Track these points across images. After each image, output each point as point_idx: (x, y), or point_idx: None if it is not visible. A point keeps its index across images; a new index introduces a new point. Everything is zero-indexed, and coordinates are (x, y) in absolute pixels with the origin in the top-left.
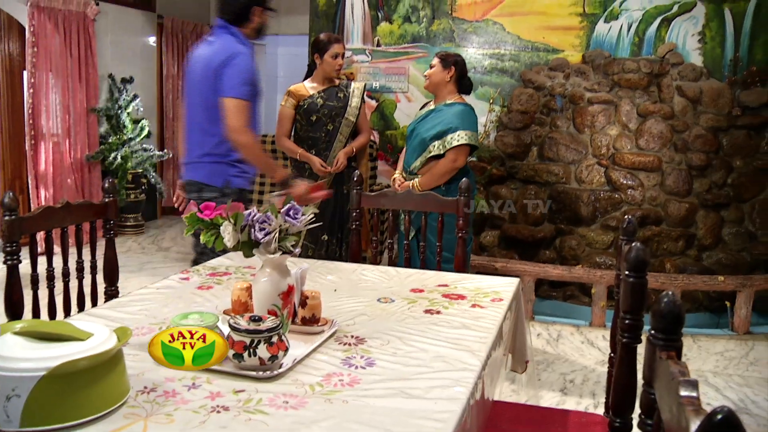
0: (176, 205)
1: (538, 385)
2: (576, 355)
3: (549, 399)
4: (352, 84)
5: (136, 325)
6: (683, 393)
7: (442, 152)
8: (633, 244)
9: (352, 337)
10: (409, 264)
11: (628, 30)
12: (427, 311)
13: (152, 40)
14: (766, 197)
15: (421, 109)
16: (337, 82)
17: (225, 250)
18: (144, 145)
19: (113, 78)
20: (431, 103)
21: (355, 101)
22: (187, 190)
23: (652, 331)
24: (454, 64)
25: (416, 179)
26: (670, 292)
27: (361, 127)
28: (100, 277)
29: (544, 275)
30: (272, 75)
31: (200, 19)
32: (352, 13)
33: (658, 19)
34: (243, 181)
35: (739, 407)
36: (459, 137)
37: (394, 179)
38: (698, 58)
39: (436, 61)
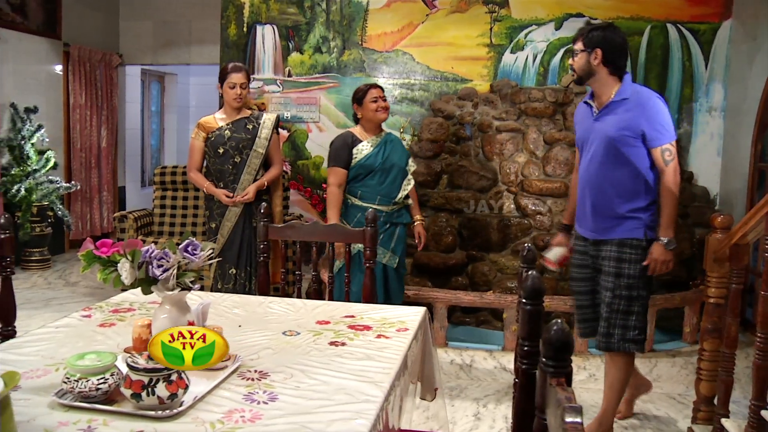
0: None
1: (452, 411)
2: (489, 379)
3: (462, 425)
4: (264, 115)
5: (30, 368)
6: (568, 419)
7: (410, 178)
8: (530, 272)
9: (256, 371)
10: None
11: (534, 60)
12: (332, 343)
13: (58, 68)
14: None
15: (353, 142)
16: (248, 113)
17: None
18: (50, 177)
19: (15, 107)
20: (363, 134)
21: (264, 132)
22: None
23: (543, 359)
24: None
25: (418, 216)
26: (560, 320)
27: (273, 159)
28: None
29: (456, 301)
30: (184, 105)
31: (109, 48)
32: (263, 43)
33: (562, 50)
34: None
35: (642, 422)
36: (412, 161)
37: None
38: None
39: (384, 94)
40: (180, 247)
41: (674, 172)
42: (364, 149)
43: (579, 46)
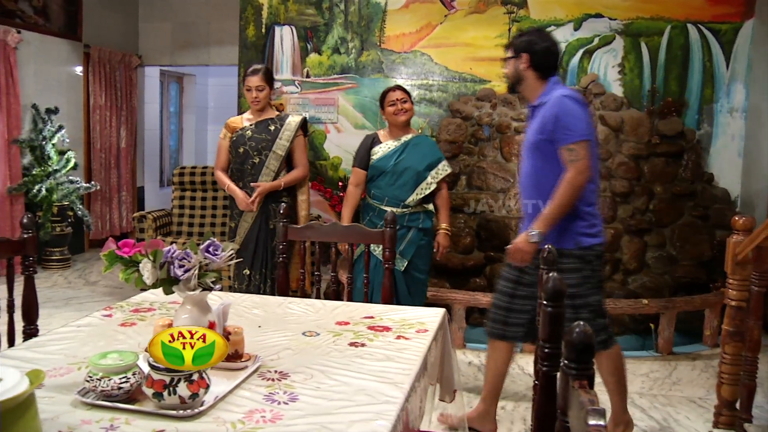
0: None
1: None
2: (507, 381)
3: None
4: (289, 117)
5: (54, 366)
6: (591, 422)
7: (432, 183)
8: (551, 274)
9: (276, 372)
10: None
11: None
12: (351, 344)
13: (78, 69)
14: (684, 222)
15: (372, 143)
16: (274, 114)
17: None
18: (70, 177)
19: (37, 108)
20: (386, 136)
21: (286, 134)
22: None
23: (565, 361)
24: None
25: (443, 225)
26: (582, 323)
27: (297, 161)
28: (18, 315)
29: (474, 303)
30: (202, 106)
31: (128, 49)
32: (282, 44)
33: (580, 51)
34: None
35: (663, 426)
36: (446, 166)
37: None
38: (619, 89)
39: (406, 96)
40: (201, 247)
41: (576, 172)
42: (380, 150)
43: (509, 53)
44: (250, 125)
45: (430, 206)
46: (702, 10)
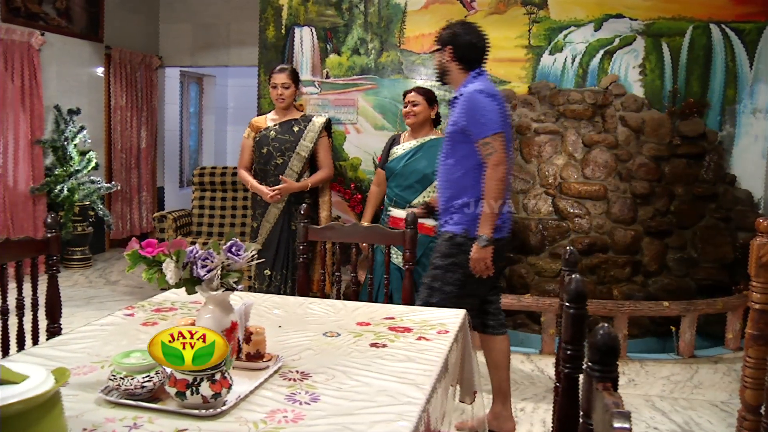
0: None
1: None
2: (526, 383)
3: None
4: (314, 118)
5: (77, 364)
6: (616, 425)
7: None
8: (573, 275)
9: (297, 372)
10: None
11: (573, 62)
12: (372, 345)
13: (100, 71)
14: (705, 224)
15: (392, 144)
16: (298, 114)
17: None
18: (91, 177)
19: (59, 109)
20: (406, 137)
21: (310, 136)
22: None
23: (589, 363)
24: (436, 101)
25: None
26: (606, 325)
27: (322, 162)
28: (42, 314)
29: None
30: (222, 106)
31: (149, 50)
32: (301, 45)
33: (601, 52)
34: None
35: (684, 430)
36: None
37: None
38: (639, 90)
39: (419, 98)
40: (224, 247)
41: (493, 166)
42: (396, 152)
43: (435, 46)
44: (274, 125)
45: None
46: (725, 10)
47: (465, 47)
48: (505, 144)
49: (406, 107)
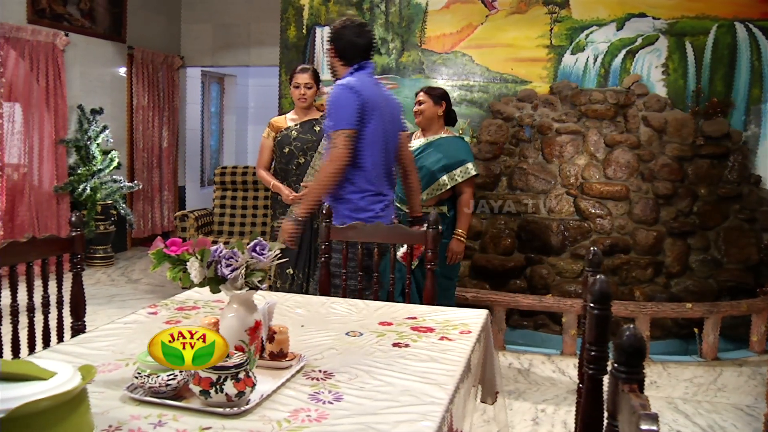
0: None
1: (510, 415)
2: (547, 384)
3: (521, 429)
4: None
5: (102, 362)
6: (644, 427)
7: (449, 185)
8: (597, 276)
9: (320, 371)
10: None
11: (594, 62)
12: (395, 344)
13: (122, 71)
14: (729, 225)
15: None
16: (318, 114)
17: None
18: (114, 177)
19: (83, 109)
20: (418, 135)
21: None
22: None
23: (615, 364)
24: (444, 99)
25: (458, 230)
26: (632, 326)
27: None
28: (66, 311)
29: (514, 305)
30: (242, 106)
31: (170, 50)
32: (322, 45)
33: (623, 52)
34: None
35: None
36: (471, 169)
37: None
38: (662, 89)
39: (425, 97)
40: (248, 246)
41: (330, 161)
42: None
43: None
44: (295, 125)
45: (444, 208)
46: (751, 8)
47: (344, 44)
48: (349, 141)
49: (415, 107)
